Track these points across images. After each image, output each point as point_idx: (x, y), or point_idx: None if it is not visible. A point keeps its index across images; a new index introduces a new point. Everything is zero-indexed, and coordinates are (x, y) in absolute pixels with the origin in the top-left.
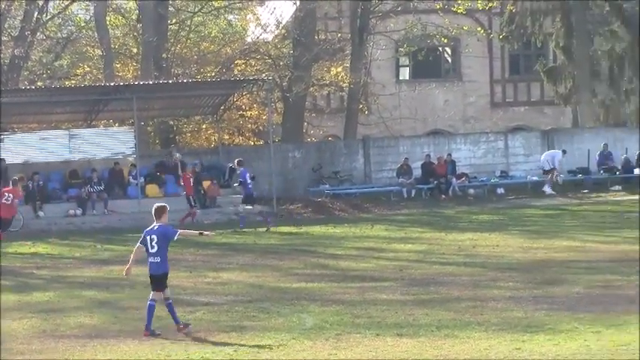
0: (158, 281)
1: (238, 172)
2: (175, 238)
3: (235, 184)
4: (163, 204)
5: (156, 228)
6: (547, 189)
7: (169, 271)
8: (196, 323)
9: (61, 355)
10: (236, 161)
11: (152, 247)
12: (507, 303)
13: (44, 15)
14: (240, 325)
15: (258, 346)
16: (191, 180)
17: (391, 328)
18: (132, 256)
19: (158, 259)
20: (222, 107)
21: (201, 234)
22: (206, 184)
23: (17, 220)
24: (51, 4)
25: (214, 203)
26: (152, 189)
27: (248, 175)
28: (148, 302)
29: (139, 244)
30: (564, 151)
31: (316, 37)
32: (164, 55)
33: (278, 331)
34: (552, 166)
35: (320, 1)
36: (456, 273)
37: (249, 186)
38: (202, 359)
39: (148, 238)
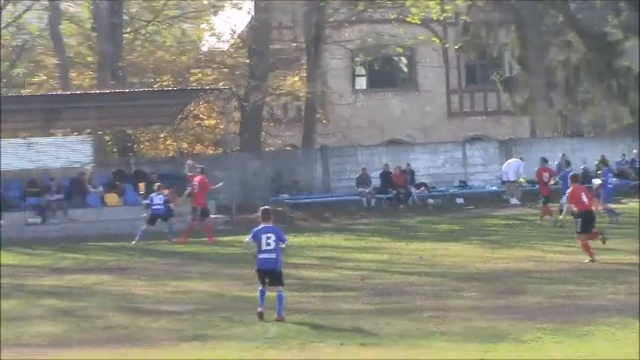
0: (271, 276)
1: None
2: (285, 244)
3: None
4: (268, 207)
5: (270, 227)
6: (514, 200)
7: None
8: (159, 332)
9: None
10: (156, 185)
11: (268, 245)
12: (470, 313)
13: None
14: (202, 333)
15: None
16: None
17: (354, 338)
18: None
19: (274, 256)
20: (179, 116)
21: None
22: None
23: None
24: (4, 12)
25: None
26: (112, 198)
27: (159, 197)
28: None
29: (249, 239)
30: (521, 159)
31: (271, 47)
32: (120, 64)
33: (241, 340)
34: (517, 177)
35: (274, 11)
36: (418, 283)
37: (154, 207)
38: None
39: (264, 236)
